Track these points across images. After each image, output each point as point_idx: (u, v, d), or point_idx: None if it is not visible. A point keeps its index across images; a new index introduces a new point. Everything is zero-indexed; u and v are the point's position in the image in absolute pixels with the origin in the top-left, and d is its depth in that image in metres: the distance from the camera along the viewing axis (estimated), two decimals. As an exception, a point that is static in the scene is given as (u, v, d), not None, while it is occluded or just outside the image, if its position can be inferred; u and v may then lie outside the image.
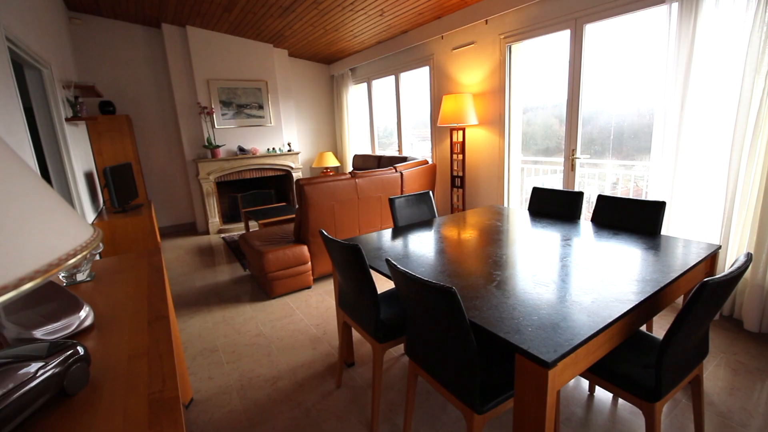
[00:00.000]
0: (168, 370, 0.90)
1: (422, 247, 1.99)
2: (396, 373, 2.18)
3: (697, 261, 1.58)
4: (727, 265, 2.48)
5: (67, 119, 3.25)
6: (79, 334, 1.06)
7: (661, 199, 2.02)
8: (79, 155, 3.59)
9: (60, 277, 1.44)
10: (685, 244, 1.79)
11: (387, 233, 2.28)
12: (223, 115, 5.44)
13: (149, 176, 5.42)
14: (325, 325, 2.75)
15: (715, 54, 2.37)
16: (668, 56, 2.54)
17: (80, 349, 0.84)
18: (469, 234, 2.17)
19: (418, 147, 6.26)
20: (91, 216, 3.45)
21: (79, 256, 0.41)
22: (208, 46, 5.20)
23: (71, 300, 1.09)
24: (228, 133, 5.53)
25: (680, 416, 1.75)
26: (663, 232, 2.64)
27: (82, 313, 1.08)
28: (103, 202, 4.13)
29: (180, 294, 3.43)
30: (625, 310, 1.19)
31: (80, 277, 1.46)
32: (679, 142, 2.56)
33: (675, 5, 2.46)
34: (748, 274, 2.37)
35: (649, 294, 1.30)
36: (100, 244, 1.53)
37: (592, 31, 3.14)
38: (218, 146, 5.35)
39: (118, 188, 3.54)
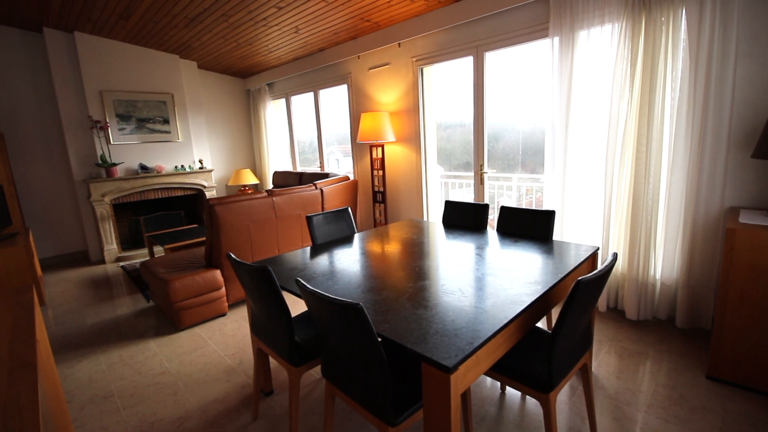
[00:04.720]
0: (30, 426, 0.77)
1: (340, 263, 1.97)
2: (317, 396, 2.10)
3: (579, 262, 1.78)
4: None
5: None
6: None
7: (552, 209, 2.26)
8: (-73, 177, 2.98)
9: None
10: (573, 248, 2.01)
11: (307, 252, 2.23)
12: (120, 129, 4.92)
13: (27, 200, 4.67)
14: (241, 354, 2.57)
15: (589, 82, 2.75)
16: (553, 83, 2.90)
17: None
18: (387, 248, 2.21)
19: (344, 163, 6.27)
20: (-57, 249, 2.86)
21: None
22: (101, 55, 4.70)
23: None
24: (127, 149, 5.01)
25: (578, 402, 1.94)
26: (558, 237, 2.97)
27: None
28: (-37, 232, 3.46)
29: (65, 335, 2.96)
30: (518, 311, 1.30)
31: None
32: (566, 157, 2.91)
33: (557, 39, 2.82)
34: (625, 269, 2.74)
35: (540, 294, 1.44)
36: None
37: (492, 58, 3.46)
38: (115, 164, 4.81)
39: (-17, 215, 2.99)
